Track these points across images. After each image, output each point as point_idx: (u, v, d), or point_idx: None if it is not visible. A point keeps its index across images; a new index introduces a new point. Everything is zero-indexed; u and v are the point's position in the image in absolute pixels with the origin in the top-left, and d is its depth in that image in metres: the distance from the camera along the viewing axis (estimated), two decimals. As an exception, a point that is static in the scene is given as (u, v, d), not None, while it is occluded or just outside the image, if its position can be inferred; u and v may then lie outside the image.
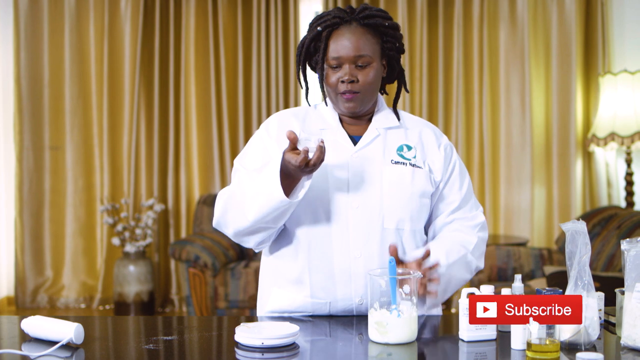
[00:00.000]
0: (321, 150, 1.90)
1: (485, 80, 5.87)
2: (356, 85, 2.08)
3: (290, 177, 1.96)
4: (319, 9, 6.05)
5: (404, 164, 2.12)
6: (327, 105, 2.21)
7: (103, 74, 6.03)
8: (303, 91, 2.21)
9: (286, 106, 5.97)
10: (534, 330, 1.66)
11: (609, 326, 1.98)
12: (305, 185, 1.99)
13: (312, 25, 2.14)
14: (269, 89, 6.02)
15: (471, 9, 5.92)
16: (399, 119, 2.20)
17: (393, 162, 2.12)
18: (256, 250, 2.18)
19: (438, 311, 2.19)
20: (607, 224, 4.58)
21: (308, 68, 2.21)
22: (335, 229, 2.06)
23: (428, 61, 5.92)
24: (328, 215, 2.06)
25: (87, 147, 6.10)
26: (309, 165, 1.91)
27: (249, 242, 2.12)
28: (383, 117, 2.18)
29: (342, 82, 2.08)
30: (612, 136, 5.18)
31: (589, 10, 5.83)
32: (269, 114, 5.89)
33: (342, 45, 2.06)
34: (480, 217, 2.23)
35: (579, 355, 1.61)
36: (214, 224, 2.15)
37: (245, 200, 2.02)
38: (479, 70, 5.89)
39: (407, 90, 2.24)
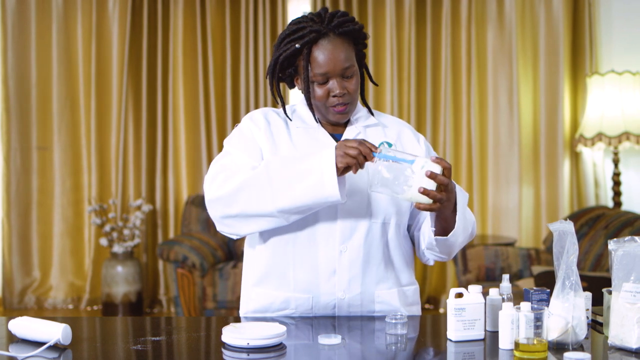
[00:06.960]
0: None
1: (473, 81, 5.88)
2: (347, 96, 2.08)
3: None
4: (307, 9, 6.05)
5: None
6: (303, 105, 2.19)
7: (91, 74, 6.00)
8: (280, 106, 2.19)
9: (275, 107, 5.95)
10: (522, 327, 1.67)
11: (596, 326, 1.99)
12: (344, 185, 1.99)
13: (285, 40, 2.08)
14: (257, 89, 6.01)
15: (459, 9, 5.93)
16: (372, 113, 2.22)
17: None
18: (235, 238, 2.13)
19: (417, 310, 2.21)
20: (595, 224, 4.60)
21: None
22: (322, 223, 2.07)
23: (416, 61, 5.92)
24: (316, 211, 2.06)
25: (75, 148, 6.07)
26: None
27: (242, 229, 2.06)
28: (360, 116, 2.20)
29: (334, 96, 2.07)
30: (600, 136, 5.20)
31: (577, 11, 5.85)
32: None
33: (327, 60, 2.04)
34: None
35: (566, 355, 1.62)
36: (209, 198, 2.05)
37: (278, 186, 1.97)
38: (466, 70, 5.91)
39: (374, 83, 2.22)
